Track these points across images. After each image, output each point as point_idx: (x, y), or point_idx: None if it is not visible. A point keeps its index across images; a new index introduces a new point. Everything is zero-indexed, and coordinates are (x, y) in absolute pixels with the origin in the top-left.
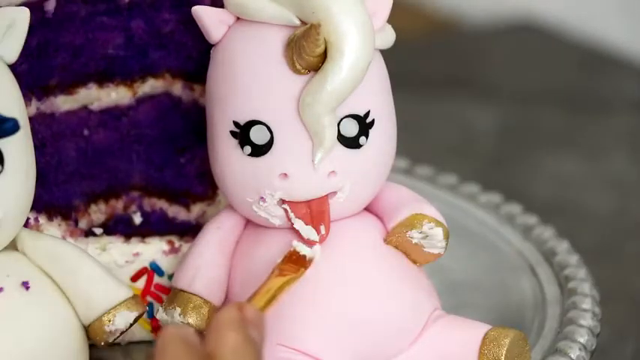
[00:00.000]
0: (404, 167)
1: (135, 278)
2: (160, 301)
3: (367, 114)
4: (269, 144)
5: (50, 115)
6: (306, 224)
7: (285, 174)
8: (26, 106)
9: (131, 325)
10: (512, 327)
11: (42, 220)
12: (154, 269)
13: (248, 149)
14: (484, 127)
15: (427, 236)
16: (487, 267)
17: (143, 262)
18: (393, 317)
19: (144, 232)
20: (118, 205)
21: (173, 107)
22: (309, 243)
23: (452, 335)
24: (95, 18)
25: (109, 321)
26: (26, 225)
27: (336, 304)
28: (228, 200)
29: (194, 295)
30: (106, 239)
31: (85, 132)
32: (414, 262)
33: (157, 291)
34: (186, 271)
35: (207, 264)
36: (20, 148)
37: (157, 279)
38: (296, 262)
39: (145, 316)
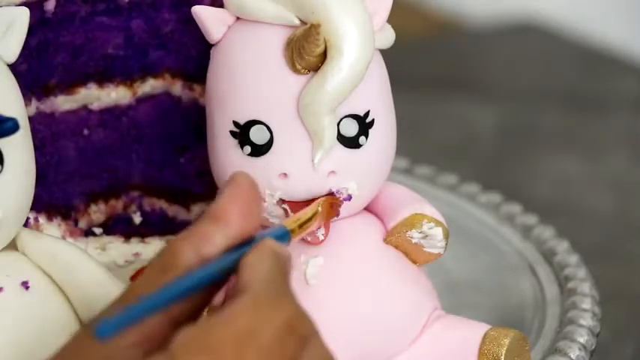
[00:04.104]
0: (404, 167)
1: (134, 278)
2: None
3: (367, 114)
4: (269, 144)
5: (50, 115)
6: None
7: (285, 174)
8: (26, 106)
9: None
10: (512, 327)
11: (42, 219)
12: None
13: (248, 149)
14: (484, 127)
15: (427, 236)
16: (487, 267)
17: (143, 262)
18: (393, 317)
19: (144, 232)
20: (118, 204)
21: (173, 107)
22: (310, 243)
23: (452, 335)
24: (95, 18)
25: None
26: (26, 225)
27: (336, 303)
28: None
29: None
30: (106, 239)
31: (85, 132)
32: (414, 262)
33: None
34: None
35: None
36: (20, 148)
37: None
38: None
39: None
